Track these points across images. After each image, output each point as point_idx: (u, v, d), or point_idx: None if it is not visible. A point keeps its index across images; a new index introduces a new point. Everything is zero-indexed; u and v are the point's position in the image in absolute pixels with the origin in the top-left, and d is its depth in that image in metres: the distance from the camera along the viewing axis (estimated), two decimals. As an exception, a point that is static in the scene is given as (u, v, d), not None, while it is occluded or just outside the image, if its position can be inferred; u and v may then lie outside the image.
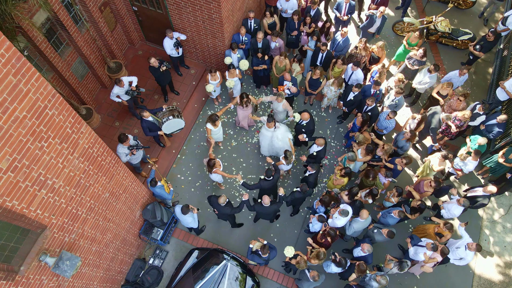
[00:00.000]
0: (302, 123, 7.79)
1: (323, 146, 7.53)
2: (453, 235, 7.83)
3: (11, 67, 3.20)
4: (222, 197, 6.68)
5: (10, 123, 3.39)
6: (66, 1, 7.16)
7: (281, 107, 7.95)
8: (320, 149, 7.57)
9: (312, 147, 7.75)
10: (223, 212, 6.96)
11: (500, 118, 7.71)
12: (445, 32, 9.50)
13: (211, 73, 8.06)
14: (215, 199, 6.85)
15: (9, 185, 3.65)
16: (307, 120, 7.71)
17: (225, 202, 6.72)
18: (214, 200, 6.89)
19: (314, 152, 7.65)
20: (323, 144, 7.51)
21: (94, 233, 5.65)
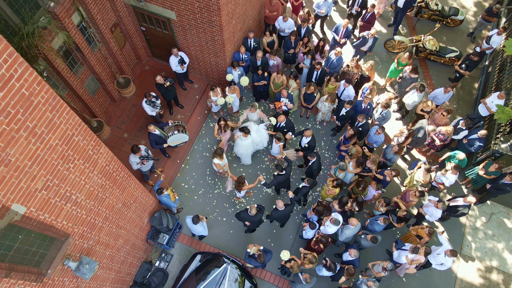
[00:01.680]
0: (280, 125, 8.47)
1: (311, 136, 8.25)
2: (435, 242, 8.48)
3: (48, 106, 3.84)
4: (252, 208, 7.29)
5: (45, 151, 4.04)
6: (81, 25, 7.81)
7: (256, 116, 8.64)
8: (310, 139, 8.30)
9: (302, 140, 8.48)
10: (255, 220, 7.54)
11: (481, 133, 8.33)
12: (432, 50, 10.12)
13: (213, 90, 8.71)
14: (245, 214, 7.42)
15: (43, 202, 4.30)
16: (283, 122, 8.39)
17: (256, 211, 7.33)
18: (245, 215, 7.47)
19: (305, 144, 8.38)
20: (311, 135, 8.23)
21: (108, 239, 6.30)
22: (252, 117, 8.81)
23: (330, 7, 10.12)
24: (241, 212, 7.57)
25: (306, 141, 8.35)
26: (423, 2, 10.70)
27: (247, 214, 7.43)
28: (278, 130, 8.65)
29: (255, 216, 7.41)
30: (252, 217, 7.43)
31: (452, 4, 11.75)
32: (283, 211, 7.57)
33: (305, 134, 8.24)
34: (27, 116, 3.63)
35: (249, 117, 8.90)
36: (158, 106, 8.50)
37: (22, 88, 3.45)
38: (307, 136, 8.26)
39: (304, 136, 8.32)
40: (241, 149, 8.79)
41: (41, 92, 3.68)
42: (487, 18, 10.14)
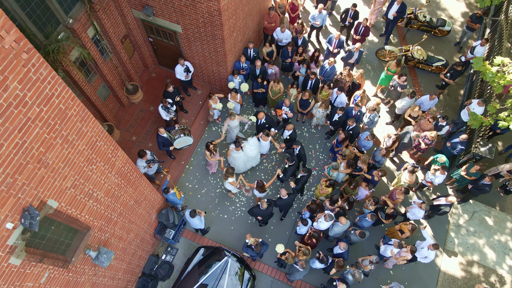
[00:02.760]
0: (261, 122, 9.20)
1: (292, 129, 9.06)
2: (419, 238, 9.20)
3: (79, 117, 4.56)
4: (263, 203, 8.00)
5: (75, 155, 4.76)
6: (95, 37, 8.54)
7: (236, 122, 9.31)
8: (291, 132, 9.10)
9: (284, 133, 9.28)
10: (266, 213, 8.26)
11: (462, 137, 9.03)
12: (420, 59, 10.83)
13: (210, 97, 9.43)
14: (257, 209, 8.14)
15: (71, 198, 5.02)
16: (263, 118, 9.11)
17: (267, 205, 8.04)
18: (257, 210, 8.19)
19: (287, 136, 9.20)
20: (292, 128, 9.04)
21: (121, 233, 7.02)
22: (233, 124, 9.37)
23: (325, 19, 10.84)
24: (253, 208, 8.30)
25: (288, 133, 9.16)
26: (412, 13, 11.40)
27: (259, 209, 8.16)
28: (260, 127, 9.34)
29: (266, 210, 8.14)
30: (264, 211, 8.16)
31: (441, 15, 12.45)
32: (286, 199, 8.30)
33: (287, 128, 9.05)
34: (62, 126, 4.34)
35: (231, 125, 9.41)
36: (173, 112, 9.22)
37: (60, 104, 4.17)
38: (289, 130, 9.06)
39: (286, 130, 9.09)
40: (234, 161, 9.36)
41: (74, 106, 4.40)
42: (471, 25, 10.80)
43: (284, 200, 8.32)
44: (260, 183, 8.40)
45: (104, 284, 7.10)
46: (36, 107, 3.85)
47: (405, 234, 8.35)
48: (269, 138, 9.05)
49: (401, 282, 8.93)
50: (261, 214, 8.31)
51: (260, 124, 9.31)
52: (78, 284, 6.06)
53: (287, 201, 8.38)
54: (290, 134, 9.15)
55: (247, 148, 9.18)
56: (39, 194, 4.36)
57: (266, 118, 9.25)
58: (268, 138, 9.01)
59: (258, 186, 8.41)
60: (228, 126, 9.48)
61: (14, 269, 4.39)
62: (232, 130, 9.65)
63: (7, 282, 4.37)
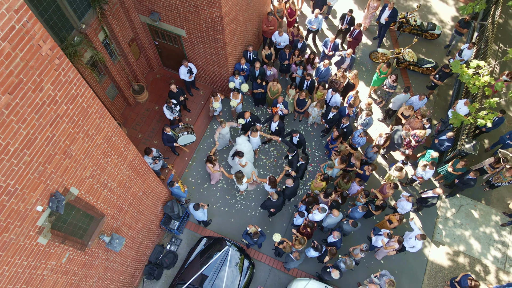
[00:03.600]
0: (248, 121, 9.81)
1: (278, 120, 9.68)
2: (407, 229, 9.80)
3: (98, 114, 5.17)
4: (273, 194, 8.63)
5: (93, 148, 5.36)
6: (105, 41, 9.15)
7: (227, 129, 9.88)
8: (278, 122, 9.71)
9: (272, 126, 9.88)
10: (278, 204, 8.88)
11: (449, 135, 9.63)
12: (411, 61, 11.43)
13: (214, 96, 10.03)
14: (269, 201, 8.77)
15: (89, 187, 5.62)
16: (249, 117, 9.72)
17: (277, 195, 8.66)
18: (269, 203, 8.82)
19: (276, 128, 9.80)
20: (278, 120, 9.66)
21: (131, 222, 7.62)
22: (224, 132, 9.93)
23: (321, 23, 11.44)
24: (265, 202, 8.92)
25: (275, 125, 9.75)
26: (404, 18, 12.00)
27: (271, 201, 8.78)
28: (247, 126, 9.92)
29: (277, 201, 8.76)
30: (275, 202, 8.79)
31: (432, 19, 13.05)
32: (292, 187, 8.95)
33: (274, 120, 9.66)
34: (84, 122, 4.95)
35: (222, 132, 9.94)
36: (176, 112, 9.82)
37: (83, 102, 4.77)
38: (275, 121, 9.66)
39: (273, 121, 9.70)
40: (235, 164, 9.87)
41: (94, 105, 5.01)
42: (459, 30, 11.39)
43: (291, 188, 8.98)
44: (272, 179, 9.00)
45: (115, 269, 7.70)
46: (64, 105, 4.45)
47: (394, 224, 8.95)
48: (258, 133, 9.63)
49: (391, 271, 9.51)
50: (273, 206, 8.95)
51: (247, 122, 9.87)
52: (92, 266, 6.66)
53: (294, 188, 9.05)
54: (278, 125, 9.76)
55: (237, 147, 9.81)
56: (63, 182, 4.97)
57: (251, 116, 9.83)
58: (257, 133, 9.60)
59: (271, 182, 9.00)
60: (220, 133, 10.04)
61: (41, 248, 5.00)
62: (224, 136, 10.20)
63: (35, 260, 4.97)
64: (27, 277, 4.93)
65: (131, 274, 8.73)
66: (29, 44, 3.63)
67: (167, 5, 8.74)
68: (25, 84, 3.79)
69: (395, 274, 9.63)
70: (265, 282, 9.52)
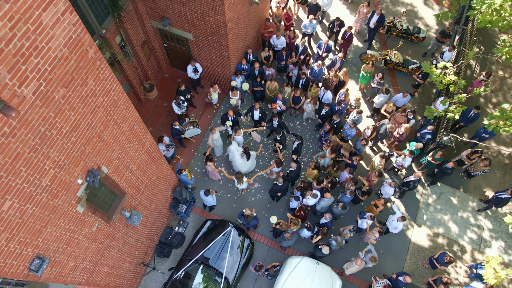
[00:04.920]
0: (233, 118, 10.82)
1: (259, 108, 10.82)
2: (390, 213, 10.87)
3: (124, 106, 6.25)
4: (279, 179, 9.72)
5: (120, 134, 6.45)
6: (121, 44, 10.24)
7: (217, 134, 10.73)
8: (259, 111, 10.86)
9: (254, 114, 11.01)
10: (284, 188, 9.98)
11: (429, 128, 10.71)
12: (397, 62, 12.52)
13: (212, 86, 11.18)
14: (276, 186, 9.87)
15: (115, 167, 6.71)
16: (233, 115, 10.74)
17: (283, 180, 9.76)
18: (276, 187, 9.91)
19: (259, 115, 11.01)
20: (259, 107, 10.79)
21: (146, 202, 8.72)
22: (215, 137, 10.79)
23: (315, 27, 12.53)
24: (272, 187, 10.04)
25: (257, 113, 10.83)
26: (391, 22, 13.09)
27: (277, 186, 9.88)
28: (234, 123, 10.95)
29: (283, 185, 9.87)
30: (282, 186, 9.88)
31: (418, 24, 14.13)
32: (295, 170, 10.10)
33: (255, 107, 10.73)
34: (114, 112, 6.04)
35: (214, 137, 10.79)
36: (184, 108, 10.92)
37: (114, 96, 5.86)
38: (257, 109, 10.75)
39: (255, 109, 10.78)
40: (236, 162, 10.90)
41: (122, 98, 6.10)
42: (441, 39, 12.49)
43: (294, 171, 10.15)
44: (278, 160, 10.19)
45: (131, 244, 8.80)
46: (101, 98, 5.54)
47: (379, 208, 10.03)
48: (241, 132, 10.61)
49: (377, 251, 10.58)
50: (280, 190, 10.06)
51: (232, 120, 10.85)
52: (115, 238, 7.76)
53: (297, 171, 10.22)
54: (260, 112, 10.87)
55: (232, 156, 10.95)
56: (97, 161, 6.06)
57: (235, 113, 10.83)
58: (241, 132, 10.59)
59: (277, 163, 10.16)
60: (213, 139, 10.89)
61: (78, 215, 6.10)
62: (216, 141, 11.04)
63: (74, 225, 6.07)
64: (67, 239, 6.03)
65: (144, 251, 9.82)
66: (81, 49, 4.71)
67: (176, 12, 9.83)
68: (76, 80, 4.87)
69: (380, 254, 10.70)
70: (264, 260, 10.61)
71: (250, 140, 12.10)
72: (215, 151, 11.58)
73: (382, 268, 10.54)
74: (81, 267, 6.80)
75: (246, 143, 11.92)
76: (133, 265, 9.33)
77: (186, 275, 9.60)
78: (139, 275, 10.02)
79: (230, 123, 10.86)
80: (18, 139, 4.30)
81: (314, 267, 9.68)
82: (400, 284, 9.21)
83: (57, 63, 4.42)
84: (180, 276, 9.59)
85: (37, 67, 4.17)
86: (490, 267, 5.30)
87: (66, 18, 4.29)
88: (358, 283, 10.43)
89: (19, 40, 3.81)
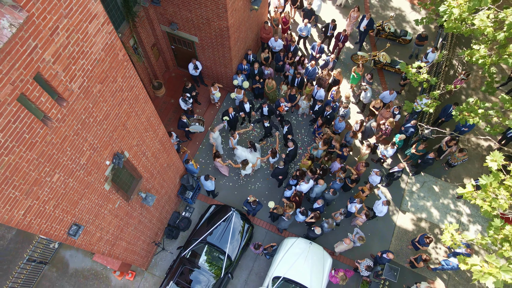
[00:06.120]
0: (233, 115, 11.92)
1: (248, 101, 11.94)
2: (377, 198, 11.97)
3: (143, 100, 7.37)
4: (281, 162, 10.92)
5: (139, 124, 7.57)
6: (134, 46, 11.36)
7: (217, 133, 11.82)
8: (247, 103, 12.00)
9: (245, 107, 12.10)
10: (285, 170, 11.13)
11: (413, 122, 11.83)
12: (385, 62, 13.65)
13: (213, 86, 12.29)
14: (278, 169, 11.03)
15: (134, 153, 7.83)
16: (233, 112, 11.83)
17: (284, 163, 10.92)
18: (277, 171, 11.06)
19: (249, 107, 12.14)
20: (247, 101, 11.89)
21: (158, 187, 9.83)
22: (215, 136, 11.88)
23: (309, 30, 13.66)
24: (274, 170, 11.18)
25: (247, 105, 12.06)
26: (380, 26, 14.21)
27: (279, 169, 11.01)
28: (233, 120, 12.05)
29: (284, 167, 11.00)
30: (282, 169, 11.02)
31: (405, 27, 15.26)
32: (293, 149, 11.26)
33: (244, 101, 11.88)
34: (135, 105, 7.15)
35: (214, 136, 11.87)
36: (190, 104, 12.04)
37: (136, 91, 6.97)
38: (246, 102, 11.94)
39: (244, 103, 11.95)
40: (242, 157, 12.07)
41: (142, 93, 7.22)
42: (419, 43, 13.63)
43: (293, 150, 11.32)
44: (274, 150, 11.29)
45: (145, 224, 9.92)
46: (126, 92, 6.66)
47: (366, 192, 11.15)
48: (236, 136, 11.66)
49: (365, 234, 11.69)
50: (281, 173, 11.21)
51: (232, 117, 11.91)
52: (132, 216, 8.88)
53: (294, 150, 11.38)
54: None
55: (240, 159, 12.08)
56: (121, 146, 7.18)
57: (235, 111, 11.94)
58: (236, 136, 11.64)
59: (273, 153, 11.25)
60: (213, 138, 11.97)
61: (105, 192, 7.22)
62: (216, 140, 12.10)
63: (101, 200, 7.19)
64: (96, 212, 7.15)
65: (155, 232, 10.94)
66: (113, 53, 5.83)
67: (184, 17, 10.95)
68: (108, 78, 5.99)
69: (368, 237, 11.82)
70: (263, 241, 11.72)
71: (249, 135, 13.21)
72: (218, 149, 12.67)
73: (370, 248, 11.66)
74: (105, 238, 7.92)
75: (247, 136, 13.03)
76: (145, 244, 10.45)
77: (193, 253, 10.71)
78: (150, 254, 11.15)
79: (228, 118, 11.97)
80: (66, 124, 5.42)
81: (307, 246, 10.81)
82: (384, 260, 10.35)
83: (96, 63, 5.54)
84: (188, 254, 10.71)
85: (82, 67, 5.29)
86: (448, 232, 6.37)
87: (104, 28, 5.41)
88: (348, 262, 11.55)
89: (72, 46, 4.93)
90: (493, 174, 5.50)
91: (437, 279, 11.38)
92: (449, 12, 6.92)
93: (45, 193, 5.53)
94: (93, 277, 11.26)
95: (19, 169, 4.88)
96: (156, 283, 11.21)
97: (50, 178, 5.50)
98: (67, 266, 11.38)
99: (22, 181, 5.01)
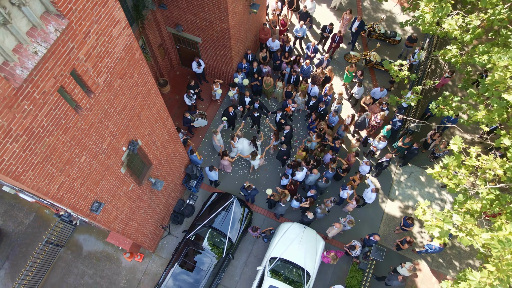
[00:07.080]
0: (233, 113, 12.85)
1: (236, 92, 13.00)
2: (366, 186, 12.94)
3: (155, 95, 8.34)
4: (284, 145, 11.95)
5: (151, 116, 8.54)
6: (142, 46, 12.33)
7: (219, 135, 12.69)
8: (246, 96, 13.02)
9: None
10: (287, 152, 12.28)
11: (399, 117, 12.81)
12: (375, 61, 14.62)
13: (214, 83, 13.27)
14: (281, 151, 12.12)
15: (146, 142, 8.81)
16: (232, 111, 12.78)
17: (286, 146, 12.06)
18: (281, 153, 12.12)
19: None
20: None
21: (165, 174, 10.81)
22: (218, 137, 12.71)
23: (305, 31, 14.63)
24: (278, 152, 12.26)
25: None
26: (371, 27, 15.18)
27: (282, 151, 12.05)
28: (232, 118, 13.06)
29: (286, 149, 12.04)
30: (286, 151, 12.04)
31: (395, 28, 16.23)
32: (290, 131, 12.32)
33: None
34: (148, 98, 8.12)
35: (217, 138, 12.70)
36: (193, 100, 13.02)
37: (148, 86, 7.94)
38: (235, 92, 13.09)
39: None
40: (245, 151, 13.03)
41: (153, 88, 8.19)
42: (409, 44, 14.60)
43: (289, 132, 12.38)
44: (276, 132, 12.37)
45: (153, 208, 10.90)
46: (141, 87, 7.63)
47: (356, 182, 12.13)
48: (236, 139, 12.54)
49: (355, 220, 12.67)
50: (285, 154, 12.25)
51: (232, 115, 12.89)
52: (143, 200, 9.86)
53: (291, 132, 12.47)
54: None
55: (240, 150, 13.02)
56: (135, 135, 8.16)
57: (233, 106, 12.90)
58: (236, 139, 12.53)
59: (276, 135, 12.35)
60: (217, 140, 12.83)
61: (121, 175, 8.19)
62: (218, 141, 12.97)
63: (118, 182, 8.17)
64: (113, 192, 8.13)
65: (162, 217, 11.92)
66: (131, 52, 6.81)
67: (188, 20, 11.93)
68: (126, 74, 6.97)
69: (358, 223, 12.79)
70: (261, 226, 12.70)
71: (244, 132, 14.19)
72: (217, 149, 13.60)
73: (359, 233, 12.64)
74: (119, 218, 8.90)
75: (246, 131, 14.01)
76: (154, 227, 11.43)
77: (196, 236, 11.69)
78: (158, 237, 12.13)
79: (226, 118, 12.91)
80: (93, 113, 6.40)
81: (302, 230, 11.79)
82: (371, 242, 11.34)
83: (118, 61, 6.51)
84: (192, 237, 11.68)
85: (106, 65, 6.26)
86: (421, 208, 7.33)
87: (124, 32, 6.38)
88: (339, 245, 12.53)
89: (99, 47, 5.90)
90: (455, 155, 6.44)
91: (422, 261, 12.36)
92: (422, 17, 7.88)
93: (74, 171, 6.51)
94: (105, 259, 12.25)
95: (56, 149, 5.86)
96: (163, 264, 12.19)
97: (78, 159, 6.48)
98: (81, 248, 12.37)
99: (58, 159, 5.99)
